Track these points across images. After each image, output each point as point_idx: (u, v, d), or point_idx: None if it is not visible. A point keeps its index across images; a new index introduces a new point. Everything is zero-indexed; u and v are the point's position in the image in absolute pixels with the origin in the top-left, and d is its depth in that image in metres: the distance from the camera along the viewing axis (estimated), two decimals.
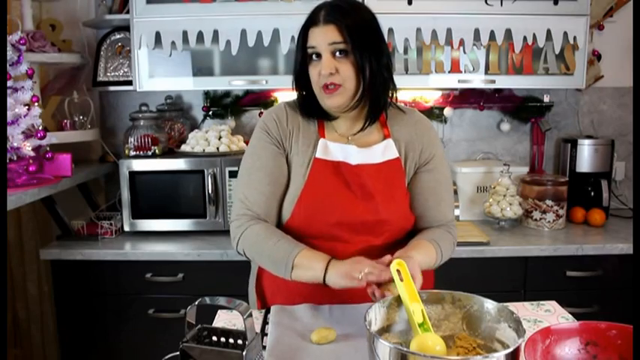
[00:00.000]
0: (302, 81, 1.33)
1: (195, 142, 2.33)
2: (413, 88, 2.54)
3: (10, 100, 1.78)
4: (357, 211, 1.31)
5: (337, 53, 1.25)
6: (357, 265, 1.15)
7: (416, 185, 1.38)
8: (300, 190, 1.32)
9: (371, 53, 1.26)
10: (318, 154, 1.33)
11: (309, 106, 1.35)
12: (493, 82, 2.32)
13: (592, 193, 2.45)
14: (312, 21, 1.27)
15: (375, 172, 1.33)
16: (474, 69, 2.30)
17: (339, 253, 1.31)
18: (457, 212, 2.39)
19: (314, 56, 1.27)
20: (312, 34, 1.26)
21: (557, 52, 2.26)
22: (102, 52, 2.51)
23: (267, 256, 1.29)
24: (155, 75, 2.29)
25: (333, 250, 1.31)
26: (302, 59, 1.30)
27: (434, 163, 1.39)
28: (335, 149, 1.34)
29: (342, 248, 1.31)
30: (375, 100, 1.31)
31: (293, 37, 2.14)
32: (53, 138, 1.97)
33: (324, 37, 1.24)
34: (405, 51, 2.28)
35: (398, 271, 1.01)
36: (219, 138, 2.34)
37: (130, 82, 2.40)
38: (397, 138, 1.37)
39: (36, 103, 1.89)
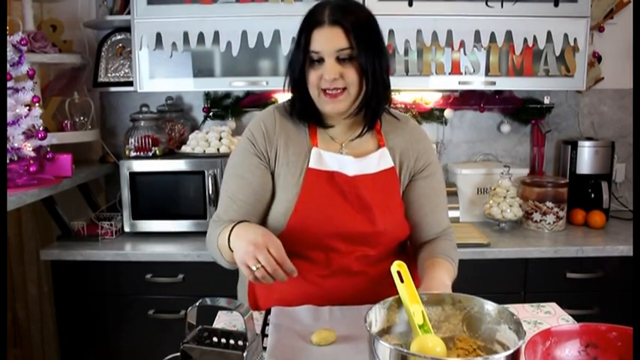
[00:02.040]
0: (299, 83, 1.27)
1: (195, 143, 2.34)
2: (413, 90, 2.54)
3: (10, 101, 1.78)
4: (354, 223, 1.28)
5: (342, 58, 1.21)
6: (256, 251, 1.08)
7: (411, 193, 1.37)
8: (294, 201, 1.28)
9: (374, 56, 1.23)
10: (312, 164, 1.29)
11: (304, 111, 1.30)
12: (493, 83, 2.32)
13: (592, 195, 2.44)
14: (315, 21, 1.22)
15: (372, 182, 1.30)
16: (474, 70, 2.31)
17: (335, 263, 1.31)
18: (457, 214, 2.39)
19: (315, 59, 1.23)
20: (317, 37, 1.21)
21: (557, 53, 2.27)
22: (103, 53, 2.51)
23: (212, 249, 1.29)
24: (156, 76, 2.29)
25: (329, 260, 1.31)
26: (303, 61, 1.24)
27: (429, 170, 1.37)
28: (329, 159, 1.30)
29: (338, 258, 1.31)
30: (376, 106, 1.28)
31: (294, 39, 2.14)
32: (54, 138, 1.97)
33: (331, 42, 1.20)
34: (406, 52, 2.28)
35: (398, 272, 1.01)
36: (220, 139, 2.34)
37: (130, 83, 2.40)
38: (392, 147, 1.35)
39: (37, 104, 1.89)
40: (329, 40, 1.21)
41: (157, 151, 2.29)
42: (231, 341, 0.98)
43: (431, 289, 1.15)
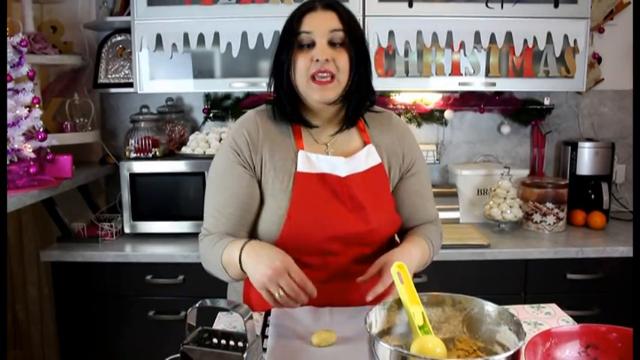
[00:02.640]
0: (286, 76, 1.24)
1: (195, 144, 2.34)
2: (413, 91, 2.55)
3: (10, 102, 1.78)
4: (349, 223, 1.27)
5: (335, 42, 1.20)
6: (277, 276, 1.07)
7: (402, 191, 1.37)
8: (287, 208, 1.25)
9: (362, 52, 1.24)
10: (300, 168, 1.26)
11: (288, 110, 1.28)
12: (493, 84, 2.32)
13: (592, 196, 2.44)
14: (307, 7, 1.21)
15: (362, 180, 1.30)
16: (474, 72, 2.31)
17: (332, 265, 1.30)
18: (457, 215, 2.39)
19: (305, 43, 1.20)
20: (309, 20, 1.20)
21: (557, 54, 2.27)
22: (103, 54, 2.51)
23: (212, 265, 1.27)
24: (156, 77, 2.29)
25: (326, 263, 1.30)
26: (293, 46, 1.21)
27: (416, 167, 1.38)
28: (318, 161, 1.28)
29: (334, 260, 1.30)
30: (357, 102, 1.28)
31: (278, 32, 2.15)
32: (54, 140, 1.97)
33: (323, 23, 1.19)
34: (406, 53, 2.28)
35: (398, 273, 1.01)
36: (220, 140, 2.34)
37: (130, 84, 2.40)
38: (377, 143, 1.34)
39: (37, 105, 1.89)
40: (322, 22, 1.20)
41: (157, 153, 2.29)
42: (231, 342, 0.98)
43: (393, 256, 1.18)
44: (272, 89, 1.30)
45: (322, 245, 1.28)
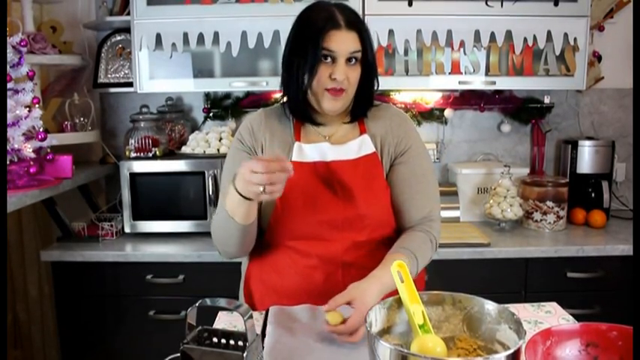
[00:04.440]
0: (294, 83, 1.31)
1: (195, 143, 2.34)
2: (413, 90, 2.54)
3: (10, 102, 1.78)
4: (338, 208, 1.31)
5: (351, 61, 1.28)
6: (246, 178, 1.11)
7: (392, 178, 1.38)
8: None
9: (374, 68, 1.33)
10: (294, 157, 1.34)
11: (301, 109, 1.34)
12: (493, 83, 2.32)
13: (593, 195, 2.44)
14: (333, 23, 1.26)
15: (352, 167, 1.34)
16: (474, 70, 2.30)
17: (325, 251, 1.32)
18: (457, 213, 2.39)
19: (327, 57, 1.27)
20: (333, 38, 1.25)
21: (557, 53, 2.26)
22: (102, 54, 2.51)
23: (221, 227, 1.29)
24: (156, 76, 2.29)
25: (316, 249, 1.32)
26: (318, 58, 1.26)
27: (409, 154, 1.39)
28: (310, 150, 1.35)
29: (327, 247, 1.32)
30: (364, 105, 1.37)
31: (290, 36, 2.14)
32: (54, 140, 1.97)
33: (347, 44, 1.26)
34: (406, 52, 2.28)
35: (398, 272, 1.01)
36: (220, 139, 2.34)
37: (130, 84, 2.40)
38: (373, 133, 1.39)
39: (37, 105, 1.89)
40: (344, 42, 1.26)
41: (157, 152, 2.29)
42: (232, 342, 0.98)
43: (358, 290, 1.16)
44: (282, 87, 1.36)
45: (312, 230, 1.32)
